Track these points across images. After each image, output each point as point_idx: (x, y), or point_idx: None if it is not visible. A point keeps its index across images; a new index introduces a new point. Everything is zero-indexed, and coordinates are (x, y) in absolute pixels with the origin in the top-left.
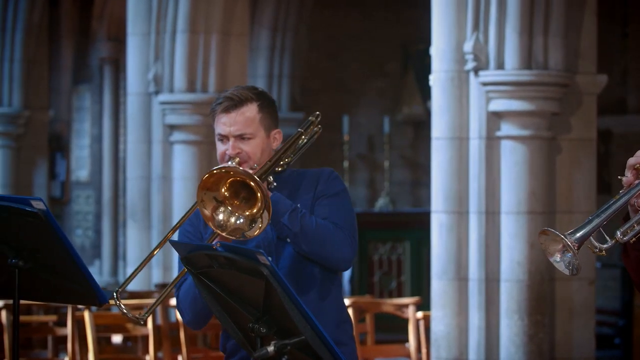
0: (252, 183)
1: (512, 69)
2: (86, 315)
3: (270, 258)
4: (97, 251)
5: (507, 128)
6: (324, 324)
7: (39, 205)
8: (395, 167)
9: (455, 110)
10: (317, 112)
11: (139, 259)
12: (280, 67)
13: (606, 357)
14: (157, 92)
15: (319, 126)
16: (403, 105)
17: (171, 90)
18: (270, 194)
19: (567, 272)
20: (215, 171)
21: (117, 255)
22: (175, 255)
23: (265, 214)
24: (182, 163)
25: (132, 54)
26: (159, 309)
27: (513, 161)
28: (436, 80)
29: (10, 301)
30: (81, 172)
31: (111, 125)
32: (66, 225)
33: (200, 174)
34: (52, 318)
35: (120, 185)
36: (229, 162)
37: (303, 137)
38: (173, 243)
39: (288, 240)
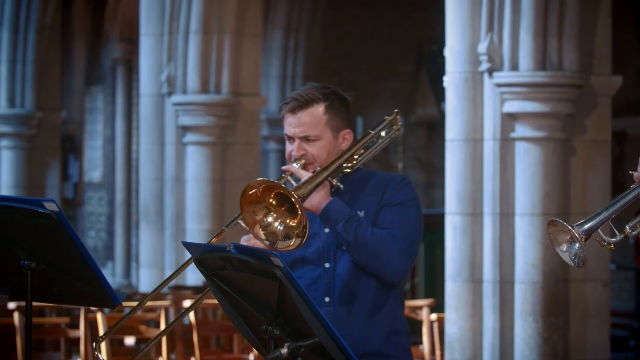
0: (292, 199)
1: (526, 70)
2: (99, 316)
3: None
4: (110, 253)
5: (521, 129)
6: (373, 335)
7: (51, 206)
8: (409, 169)
9: (469, 112)
10: (396, 110)
11: (152, 260)
12: (293, 68)
13: (620, 359)
14: (170, 93)
15: (400, 124)
16: (417, 107)
17: (184, 92)
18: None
19: (572, 263)
20: (252, 187)
21: (130, 256)
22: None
23: (298, 240)
24: (195, 164)
25: (145, 55)
26: (172, 311)
27: (527, 163)
28: (450, 81)
29: (23, 303)
30: (94, 173)
31: (124, 126)
32: (79, 226)
33: (213, 176)
34: (64, 320)
35: (133, 187)
36: (294, 164)
37: (379, 137)
38: (186, 244)
39: (344, 247)
